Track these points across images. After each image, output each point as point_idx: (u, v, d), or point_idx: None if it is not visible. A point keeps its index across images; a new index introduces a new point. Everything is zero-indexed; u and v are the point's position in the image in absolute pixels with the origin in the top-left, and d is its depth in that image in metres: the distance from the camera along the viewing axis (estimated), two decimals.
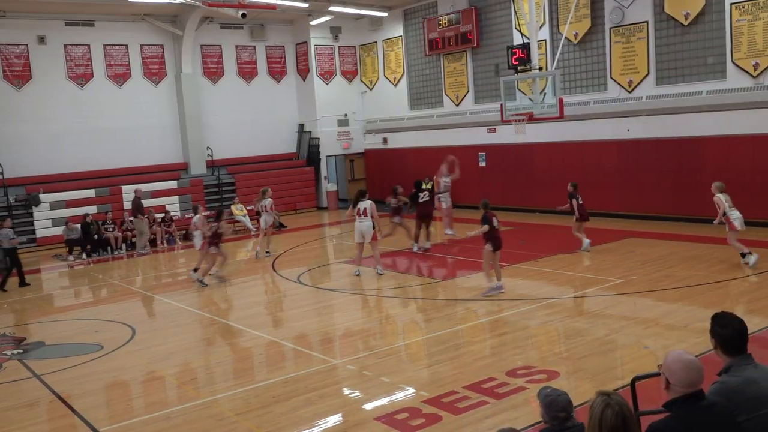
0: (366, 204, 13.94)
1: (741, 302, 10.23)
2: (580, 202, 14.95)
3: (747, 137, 16.34)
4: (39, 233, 21.36)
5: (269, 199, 17.47)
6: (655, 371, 7.16)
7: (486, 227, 11.47)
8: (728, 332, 4.16)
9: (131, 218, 20.40)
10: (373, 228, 13.89)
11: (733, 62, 16.54)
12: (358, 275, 13.98)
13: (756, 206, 16.29)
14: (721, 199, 12.77)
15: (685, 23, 17.33)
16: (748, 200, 16.40)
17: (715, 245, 14.44)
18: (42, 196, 21.32)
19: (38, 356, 10.33)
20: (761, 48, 15.94)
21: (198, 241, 15.45)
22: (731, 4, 16.33)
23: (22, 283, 15.82)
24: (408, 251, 16.34)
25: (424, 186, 16.47)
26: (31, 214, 21.30)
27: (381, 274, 13.94)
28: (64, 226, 20.17)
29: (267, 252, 17.43)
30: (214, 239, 14.45)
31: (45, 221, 21.42)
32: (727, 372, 4.02)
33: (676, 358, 3.74)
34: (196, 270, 14.75)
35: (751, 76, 16.23)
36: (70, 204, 21.59)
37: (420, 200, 16.24)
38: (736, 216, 12.64)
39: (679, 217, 17.69)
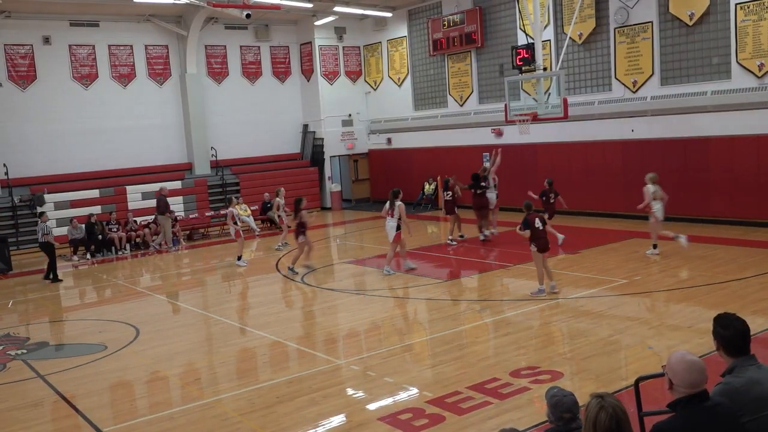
0: (396, 204, 13.97)
1: (745, 303, 10.19)
2: (551, 201, 15.74)
3: (752, 137, 16.29)
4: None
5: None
6: (659, 372, 7.15)
7: (527, 231, 11.40)
8: (730, 333, 4.16)
9: (155, 216, 20.80)
10: (398, 229, 13.88)
11: (737, 62, 16.49)
12: (389, 274, 14.01)
13: (760, 206, 16.26)
14: (649, 190, 13.89)
15: (690, 23, 17.29)
16: (753, 200, 16.40)
17: (720, 245, 14.41)
18: (46, 197, 21.38)
19: (42, 356, 10.36)
20: (766, 48, 15.90)
21: (232, 230, 16.64)
22: (736, 4, 16.29)
23: (47, 277, 16.23)
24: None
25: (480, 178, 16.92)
26: (35, 215, 21.34)
27: (387, 275, 13.92)
28: (68, 226, 20.19)
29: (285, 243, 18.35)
30: (300, 228, 14.90)
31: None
32: (730, 373, 4.01)
33: (679, 359, 3.74)
34: (239, 258, 16.45)
35: (756, 76, 16.19)
36: (74, 204, 21.64)
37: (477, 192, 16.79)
38: (656, 208, 13.84)
39: (684, 217, 17.64)
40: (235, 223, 16.53)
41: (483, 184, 16.84)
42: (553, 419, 3.95)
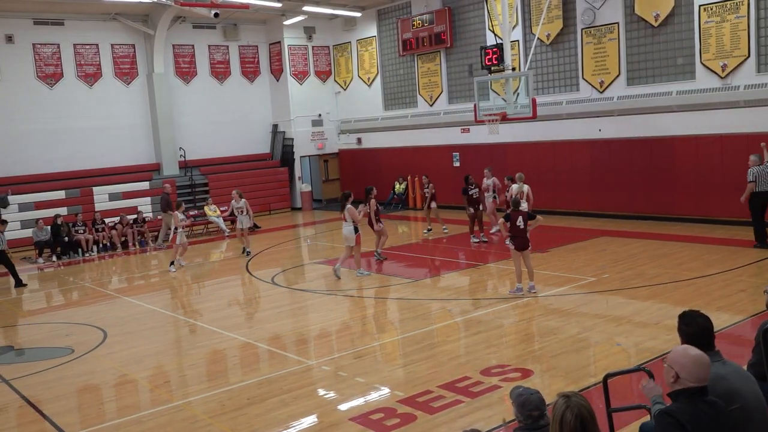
0: (346, 207, 13.94)
1: (710, 299, 10.38)
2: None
3: (715, 137, 16.60)
4: (7, 235, 20.87)
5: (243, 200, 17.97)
6: (627, 368, 7.27)
7: (507, 225, 11.51)
8: (694, 330, 4.24)
9: (160, 213, 21.13)
10: (356, 231, 13.87)
11: (702, 63, 16.79)
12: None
13: (724, 205, 16.57)
14: (514, 189, 15.58)
15: (655, 24, 17.56)
16: (717, 199, 16.71)
17: (686, 243, 14.66)
18: (10, 198, 20.96)
19: (7, 361, 10.17)
20: (729, 49, 16.21)
21: (170, 236, 16.92)
22: (700, 5, 16.58)
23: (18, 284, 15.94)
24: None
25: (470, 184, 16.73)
26: None
27: (360, 276, 13.93)
28: (33, 228, 19.82)
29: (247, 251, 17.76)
30: (377, 216, 15.24)
31: (14, 223, 21.03)
32: None
33: (683, 353, 3.85)
34: (172, 263, 16.18)
35: (719, 76, 16.50)
36: (39, 206, 21.25)
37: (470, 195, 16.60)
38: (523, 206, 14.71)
39: (650, 215, 17.93)
40: (175, 230, 16.48)
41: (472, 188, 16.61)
42: (521, 418, 3.98)
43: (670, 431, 3.64)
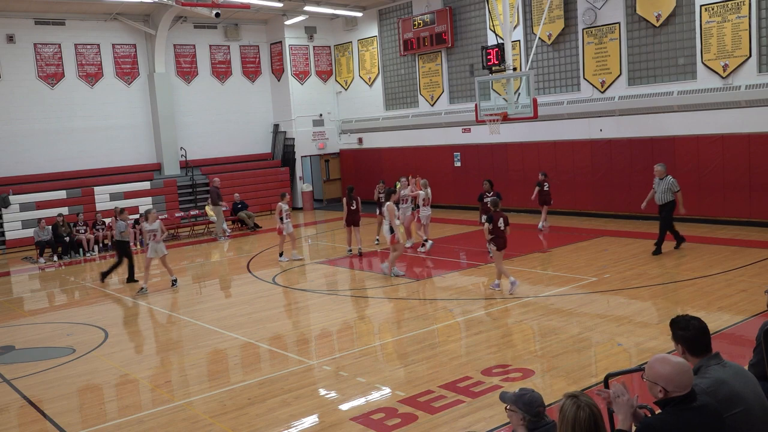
0: (384, 205, 13.95)
1: (711, 300, 10.37)
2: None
3: (716, 137, 16.59)
4: (8, 235, 21.02)
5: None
6: (628, 368, 7.26)
7: (490, 226, 11.73)
8: (690, 333, 4.19)
9: (211, 206, 21.70)
10: (391, 232, 13.65)
11: (703, 63, 16.78)
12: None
13: (725, 205, 16.57)
14: (420, 194, 15.85)
15: (657, 24, 17.55)
16: (718, 199, 16.71)
17: (687, 243, 14.63)
18: (11, 198, 20.98)
19: (8, 360, 10.16)
20: (730, 49, 16.20)
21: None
22: (701, 5, 16.57)
23: (131, 279, 15.30)
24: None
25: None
26: (0, 216, 20.98)
27: (394, 276, 13.65)
28: (35, 227, 19.83)
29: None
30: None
31: (14, 223, 21.08)
32: (695, 374, 4.05)
33: (663, 363, 3.67)
34: (142, 289, 14.22)
35: (721, 76, 16.48)
36: (40, 206, 21.28)
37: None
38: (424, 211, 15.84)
39: (651, 216, 17.87)
40: (142, 244, 14.89)
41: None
42: (529, 417, 4.00)
43: None
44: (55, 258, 19.36)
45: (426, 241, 16.08)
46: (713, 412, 3.67)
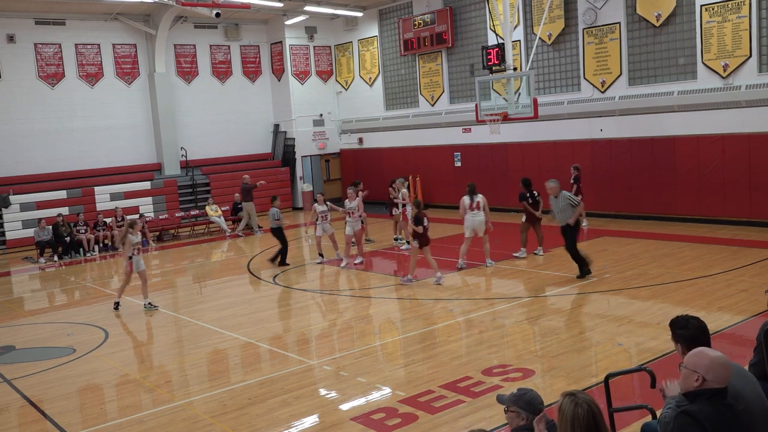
0: (479, 198, 13.98)
1: (711, 299, 10.37)
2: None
3: (717, 137, 16.59)
4: (8, 235, 21.02)
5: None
6: (628, 368, 7.27)
7: (420, 228, 12.51)
8: (690, 332, 4.20)
9: (240, 202, 22.17)
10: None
11: (703, 63, 16.77)
12: (461, 269, 13.91)
13: (725, 205, 16.57)
14: (405, 193, 16.37)
15: (657, 24, 17.55)
16: (718, 199, 16.71)
17: (687, 243, 14.65)
18: (12, 198, 20.98)
19: (8, 360, 10.16)
20: (730, 49, 16.19)
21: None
22: (701, 5, 16.57)
23: (283, 263, 15.79)
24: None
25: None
26: (0, 216, 20.98)
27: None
28: (35, 227, 19.82)
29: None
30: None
31: (15, 223, 21.08)
32: None
33: (703, 355, 3.76)
34: (117, 305, 13.24)
35: (721, 76, 16.48)
36: (40, 206, 21.28)
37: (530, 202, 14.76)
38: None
39: (652, 215, 17.92)
40: (130, 258, 12.52)
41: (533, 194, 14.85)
42: (531, 416, 4.01)
43: (690, 431, 3.62)
44: (56, 258, 19.35)
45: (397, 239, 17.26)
46: (737, 413, 3.73)
